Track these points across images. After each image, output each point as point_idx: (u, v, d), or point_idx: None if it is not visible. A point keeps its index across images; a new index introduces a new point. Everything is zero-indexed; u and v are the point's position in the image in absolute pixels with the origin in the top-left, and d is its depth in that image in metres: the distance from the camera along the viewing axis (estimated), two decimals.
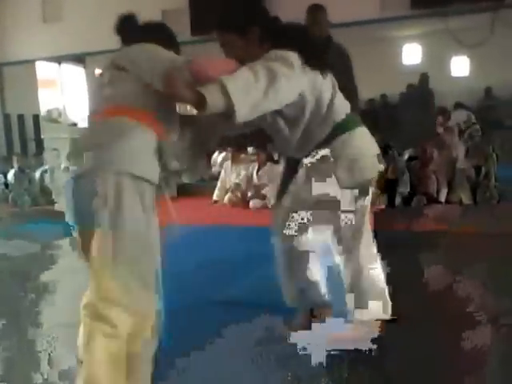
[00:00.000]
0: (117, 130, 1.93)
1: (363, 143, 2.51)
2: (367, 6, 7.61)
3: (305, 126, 2.40)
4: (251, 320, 2.88)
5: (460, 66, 12.04)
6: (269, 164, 7.47)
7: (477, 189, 6.66)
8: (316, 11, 4.22)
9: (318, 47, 2.49)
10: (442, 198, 6.69)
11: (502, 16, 8.62)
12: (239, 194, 7.24)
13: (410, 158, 7.27)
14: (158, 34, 2.31)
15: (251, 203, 7.06)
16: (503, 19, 8.78)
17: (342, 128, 2.42)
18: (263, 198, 7.04)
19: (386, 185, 6.82)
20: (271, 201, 6.94)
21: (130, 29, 2.40)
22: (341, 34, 4.82)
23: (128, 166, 1.88)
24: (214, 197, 7.64)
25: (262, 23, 2.34)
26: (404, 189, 6.78)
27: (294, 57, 2.17)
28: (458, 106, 10.41)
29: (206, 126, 2.42)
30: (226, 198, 7.34)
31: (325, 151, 2.38)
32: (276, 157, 7.53)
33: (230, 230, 5.70)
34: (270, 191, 7.08)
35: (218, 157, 9.03)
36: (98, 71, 2.42)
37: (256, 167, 7.44)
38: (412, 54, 12.07)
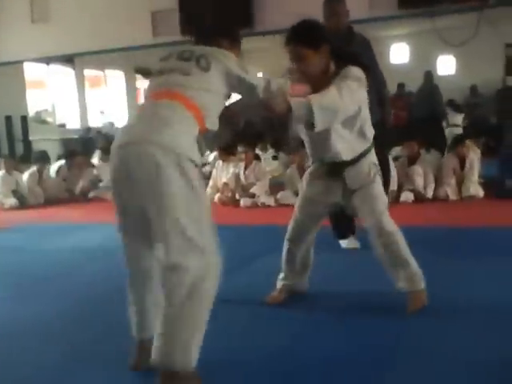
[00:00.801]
0: (176, 112, 2.14)
1: None
2: (356, 6, 7.69)
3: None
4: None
5: (446, 64, 12.21)
6: (255, 163, 7.51)
7: (461, 185, 6.77)
8: (333, 2, 4.27)
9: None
10: (430, 194, 6.78)
11: (486, 16, 8.73)
12: (229, 194, 7.29)
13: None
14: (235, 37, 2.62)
15: (242, 202, 7.12)
16: (487, 19, 8.90)
17: None
18: (252, 196, 7.10)
19: None
20: (260, 199, 7.02)
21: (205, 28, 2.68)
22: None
23: (187, 150, 2.10)
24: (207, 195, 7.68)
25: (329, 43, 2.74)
26: (392, 186, 6.86)
27: (360, 72, 2.65)
28: (450, 103, 10.56)
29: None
30: (217, 197, 7.39)
31: None
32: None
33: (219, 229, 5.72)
34: (257, 189, 7.16)
35: (209, 156, 9.07)
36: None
37: (243, 166, 7.48)
38: (400, 53, 12.22)
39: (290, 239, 3.12)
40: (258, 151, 8.31)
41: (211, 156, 8.94)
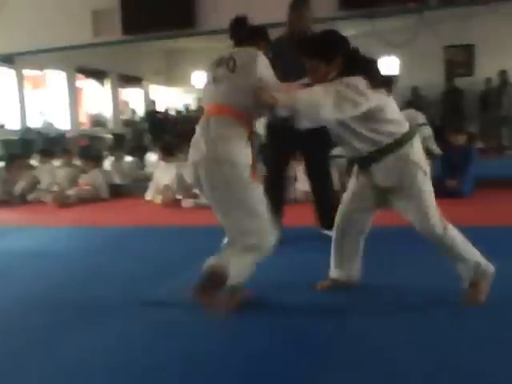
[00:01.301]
0: (227, 128, 2.74)
1: None
2: None
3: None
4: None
5: (389, 66, 12.43)
6: None
7: None
8: (302, 9, 4.48)
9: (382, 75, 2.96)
10: None
11: (426, 18, 8.91)
12: (170, 195, 7.18)
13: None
14: (262, 36, 3.11)
15: (183, 203, 7.02)
16: (427, 21, 9.08)
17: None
18: (195, 197, 7.01)
19: None
20: (202, 200, 6.92)
21: (241, 30, 3.10)
22: (274, 34, 4.91)
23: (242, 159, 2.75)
24: (148, 197, 7.55)
25: (344, 54, 2.86)
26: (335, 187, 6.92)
27: (362, 84, 2.71)
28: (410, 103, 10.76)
29: None
30: (158, 198, 7.27)
31: None
32: None
33: (162, 230, 5.64)
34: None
35: (151, 157, 8.92)
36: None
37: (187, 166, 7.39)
38: None
39: (337, 229, 3.18)
40: None
41: (153, 157, 8.79)
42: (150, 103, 14.48)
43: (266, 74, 2.82)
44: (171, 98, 15.46)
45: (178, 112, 14.19)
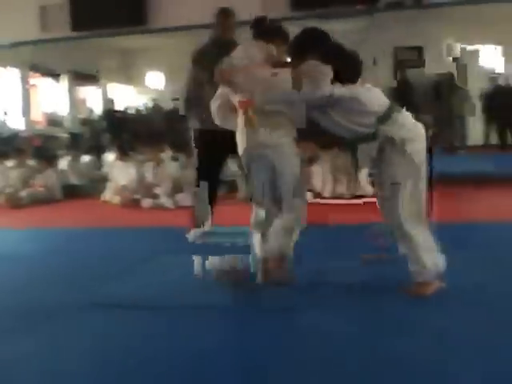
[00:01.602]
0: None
1: None
2: (248, 7, 7.77)
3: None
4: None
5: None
6: (163, 163, 7.44)
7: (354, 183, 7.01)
8: (229, 16, 4.68)
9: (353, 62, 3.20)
10: (327, 193, 6.98)
11: (376, 19, 9.08)
12: (128, 195, 7.15)
13: None
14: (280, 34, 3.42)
15: (143, 203, 7.00)
16: (378, 23, 9.26)
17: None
18: (155, 197, 7.01)
19: None
20: (160, 200, 6.96)
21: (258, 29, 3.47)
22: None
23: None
24: (105, 197, 7.51)
25: (319, 49, 3.10)
26: None
27: (327, 69, 2.98)
28: None
29: None
30: (116, 198, 7.23)
31: None
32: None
33: (119, 231, 5.62)
34: (162, 190, 7.09)
35: (109, 156, 8.85)
36: None
37: (150, 166, 7.38)
38: None
39: None
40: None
41: (110, 157, 8.72)
42: (108, 102, 14.30)
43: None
44: (130, 97, 15.31)
45: (138, 111, 14.05)
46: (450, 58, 11.70)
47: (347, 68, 3.09)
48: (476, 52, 12.02)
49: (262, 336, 2.60)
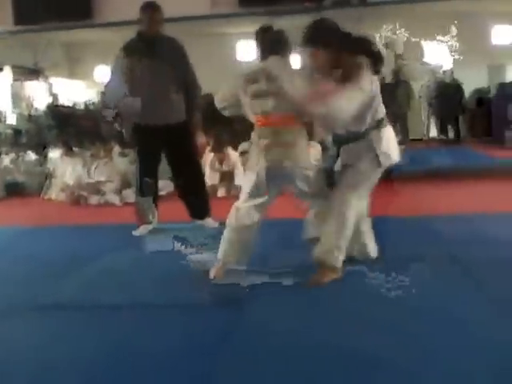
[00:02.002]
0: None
1: None
2: (198, 3, 7.76)
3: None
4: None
5: (293, 63, 12.64)
6: (111, 160, 7.33)
7: None
8: (155, 11, 4.61)
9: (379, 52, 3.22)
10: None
11: (324, 16, 9.13)
12: (73, 192, 7.01)
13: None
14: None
15: (89, 200, 6.88)
16: None
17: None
18: (102, 194, 6.90)
19: (223, 177, 7.06)
20: (106, 197, 6.85)
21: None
22: (174, 30, 4.95)
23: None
24: (49, 195, 7.34)
25: (340, 39, 3.14)
26: (238, 182, 7.04)
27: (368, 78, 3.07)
28: None
29: None
30: (61, 195, 7.08)
31: None
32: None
33: (64, 229, 5.51)
34: (108, 187, 6.98)
35: (53, 153, 8.64)
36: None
37: (96, 163, 7.25)
38: (247, 50, 12.45)
39: None
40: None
41: (54, 154, 8.51)
42: (52, 97, 13.91)
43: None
44: (77, 92, 14.94)
45: (86, 106, 13.73)
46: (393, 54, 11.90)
47: (376, 59, 3.16)
48: (419, 48, 12.31)
49: (210, 332, 2.59)
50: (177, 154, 4.84)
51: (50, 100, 14.12)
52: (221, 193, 6.77)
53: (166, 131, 4.64)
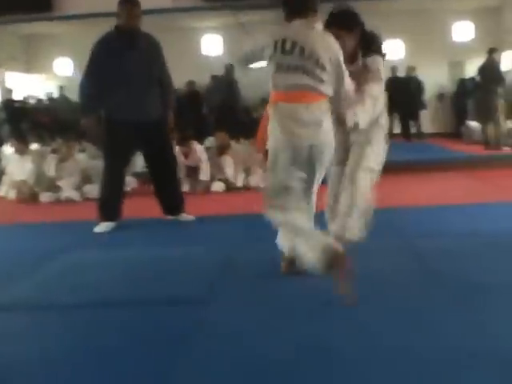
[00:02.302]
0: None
1: None
2: None
3: None
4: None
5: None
6: (71, 154, 7.18)
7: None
8: (134, 5, 4.57)
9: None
10: (240, 183, 7.01)
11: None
12: (26, 189, 6.82)
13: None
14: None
15: (41, 197, 6.72)
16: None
17: None
18: (58, 191, 6.75)
19: (187, 171, 6.99)
20: (64, 193, 6.73)
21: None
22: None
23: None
24: (1, 192, 7.15)
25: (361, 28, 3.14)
26: (204, 176, 7.01)
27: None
28: None
29: None
30: (13, 193, 6.89)
31: None
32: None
33: (16, 227, 5.34)
34: (65, 183, 6.85)
35: (6, 149, 8.40)
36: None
37: (56, 159, 7.10)
38: (213, 44, 12.39)
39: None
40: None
41: (8, 150, 8.25)
42: (6, 91, 13.52)
43: None
44: (32, 86, 14.58)
45: (39, 101, 13.41)
46: None
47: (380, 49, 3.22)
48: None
49: (170, 331, 2.53)
50: (154, 150, 4.80)
51: (4, 94, 13.74)
52: (185, 188, 6.71)
53: (143, 127, 4.59)
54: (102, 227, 4.68)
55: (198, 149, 7.19)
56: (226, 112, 9.84)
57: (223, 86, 10.16)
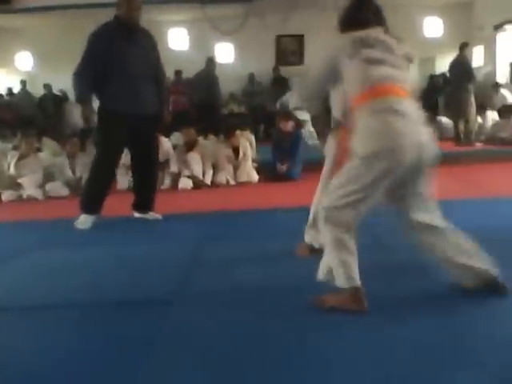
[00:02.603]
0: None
1: None
2: None
3: None
4: None
5: (225, 53, 12.49)
6: (34, 154, 6.94)
7: (236, 170, 7.00)
8: None
9: None
10: (208, 180, 6.86)
11: (254, 7, 9.02)
12: None
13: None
14: None
15: (3, 196, 6.47)
16: (255, 10, 9.19)
17: None
18: (18, 188, 6.50)
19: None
20: (26, 191, 6.46)
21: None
22: (102, 15, 4.67)
23: None
24: None
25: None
26: (174, 167, 6.87)
27: None
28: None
29: None
30: None
31: None
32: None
33: None
34: (26, 181, 6.58)
35: None
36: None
37: (16, 157, 6.84)
38: (179, 39, 12.21)
39: None
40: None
41: None
42: None
43: None
44: None
45: (0, 96, 13.01)
46: None
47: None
48: None
49: (135, 333, 2.42)
50: (142, 146, 4.69)
51: None
52: None
53: (139, 121, 4.50)
54: (84, 222, 4.52)
55: (165, 143, 7.00)
56: (206, 108, 9.65)
57: (204, 81, 9.93)
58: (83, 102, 4.51)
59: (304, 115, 9.35)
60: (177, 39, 12.04)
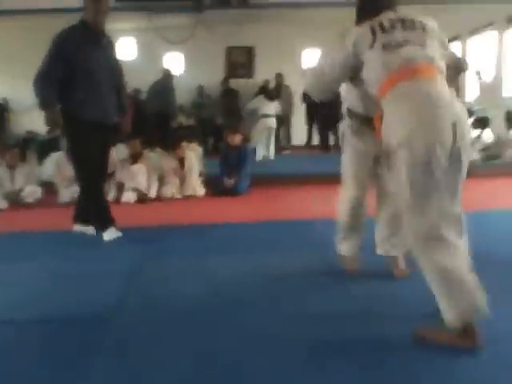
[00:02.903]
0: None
1: None
2: None
3: None
4: None
5: (174, 64, 12.36)
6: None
7: (182, 183, 6.92)
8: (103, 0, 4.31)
9: None
10: (153, 193, 6.74)
11: (203, 18, 8.96)
12: None
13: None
14: None
15: None
16: (205, 21, 9.14)
17: None
18: None
19: None
20: None
21: None
22: (46, 22, 4.52)
23: None
24: None
25: None
26: (118, 178, 6.73)
27: None
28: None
29: None
30: None
31: None
32: None
33: None
34: None
35: None
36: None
37: None
38: (127, 48, 12.02)
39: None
40: None
41: None
42: None
43: None
44: None
45: None
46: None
47: None
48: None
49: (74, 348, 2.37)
50: (100, 154, 4.50)
51: None
52: None
53: (102, 129, 4.38)
54: (110, 233, 4.49)
55: (112, 153, 6.84)
56: (159, 120, 9.53)
57: (160, 94, 9.78)
58: (48, 106, 4.18)
59: (273, 121, 9.45)
60: (125, 48, 11.86)
